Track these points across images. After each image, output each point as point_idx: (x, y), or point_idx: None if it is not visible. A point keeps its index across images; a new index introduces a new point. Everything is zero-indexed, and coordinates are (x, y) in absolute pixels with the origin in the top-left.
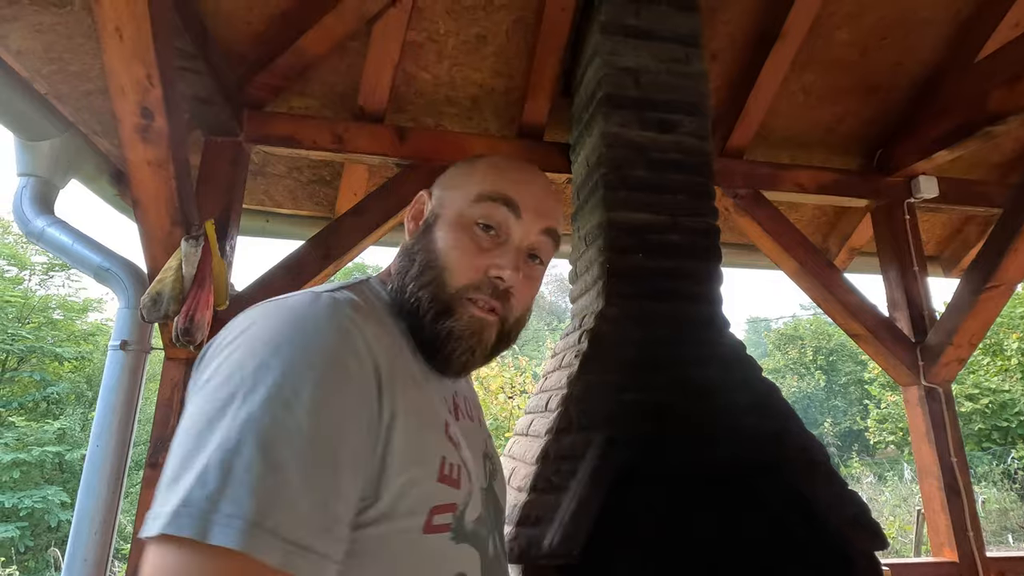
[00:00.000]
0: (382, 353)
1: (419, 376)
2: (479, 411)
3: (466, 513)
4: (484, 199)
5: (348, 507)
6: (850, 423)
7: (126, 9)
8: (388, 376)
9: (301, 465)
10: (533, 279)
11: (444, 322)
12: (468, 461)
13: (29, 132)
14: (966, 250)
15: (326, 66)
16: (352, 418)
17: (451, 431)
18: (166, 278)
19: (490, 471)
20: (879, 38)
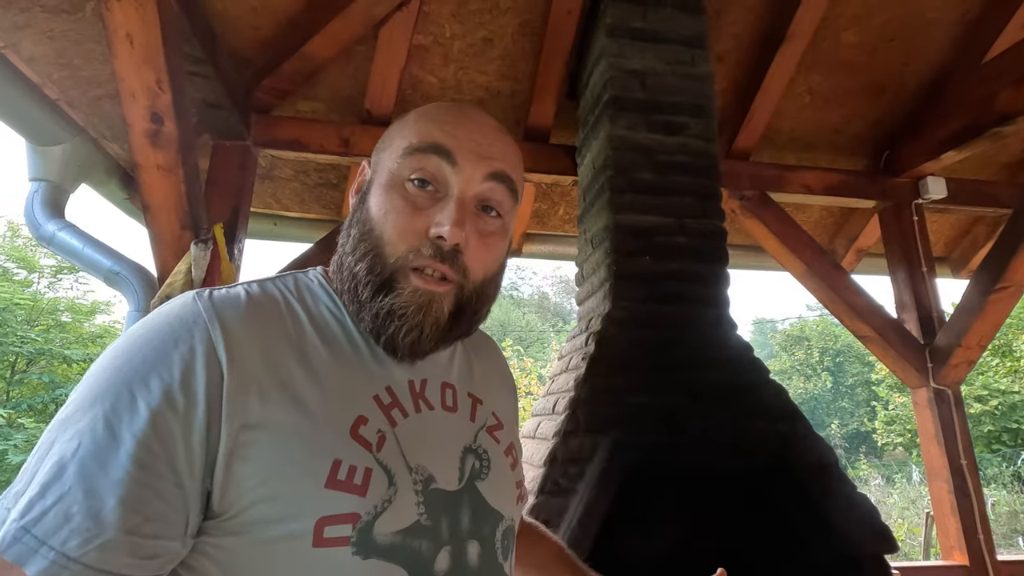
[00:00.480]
0: (246, 358)
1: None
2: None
3: (377, 524)
4: (412, 151)
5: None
6: (857, 425)
7: (136, 16)
8: (243, 383)
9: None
10: (489, 235)
11: (383, 298)
12: (394, 461)
13: (40, 137)
14: (975, 251)
15: (333, 70)
16: (134, 440)
17: (363, 429)
18: (176, 282)
19: (474, 469)
20: (886, 39)
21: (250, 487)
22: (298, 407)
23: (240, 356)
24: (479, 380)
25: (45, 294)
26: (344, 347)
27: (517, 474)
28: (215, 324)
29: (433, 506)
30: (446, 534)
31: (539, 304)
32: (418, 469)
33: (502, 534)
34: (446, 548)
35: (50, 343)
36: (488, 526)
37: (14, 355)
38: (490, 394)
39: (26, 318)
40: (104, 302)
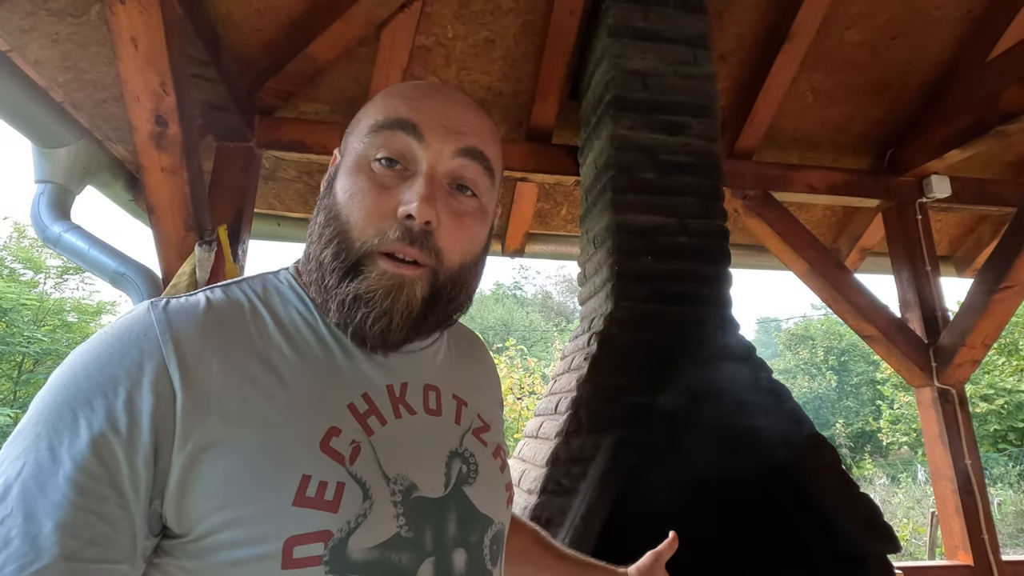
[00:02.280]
0: (202, 374)
1: (296, 378)
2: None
3: (351, 540)
4: (378, 129)
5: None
6: (862, 424)
7: (140, 19)
8: (200, 401)
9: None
10: (464, 215)
11: (349, 283)
12: (369, 473)
13: (46, 139)
14: (980, 250)
15: (336, 71)
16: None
17: (335, 440)
18: (180, 283)
19: (461, 473)
20: (889, 38)
21: (210, 509)
22: (262, 423)
23: (195, 372)
24: (464, 381)
25: (51, 295)
26: (316, 353)
27: (506, 476)
28: (167, 338)
29: (415, 516)
30: (430, 544)
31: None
32: (397, 479)
33: (491, 539)
34: (429, 559)
35: (56, 343)
36: (476, 532)
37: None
38: (475, 395)
39: (33, 318)
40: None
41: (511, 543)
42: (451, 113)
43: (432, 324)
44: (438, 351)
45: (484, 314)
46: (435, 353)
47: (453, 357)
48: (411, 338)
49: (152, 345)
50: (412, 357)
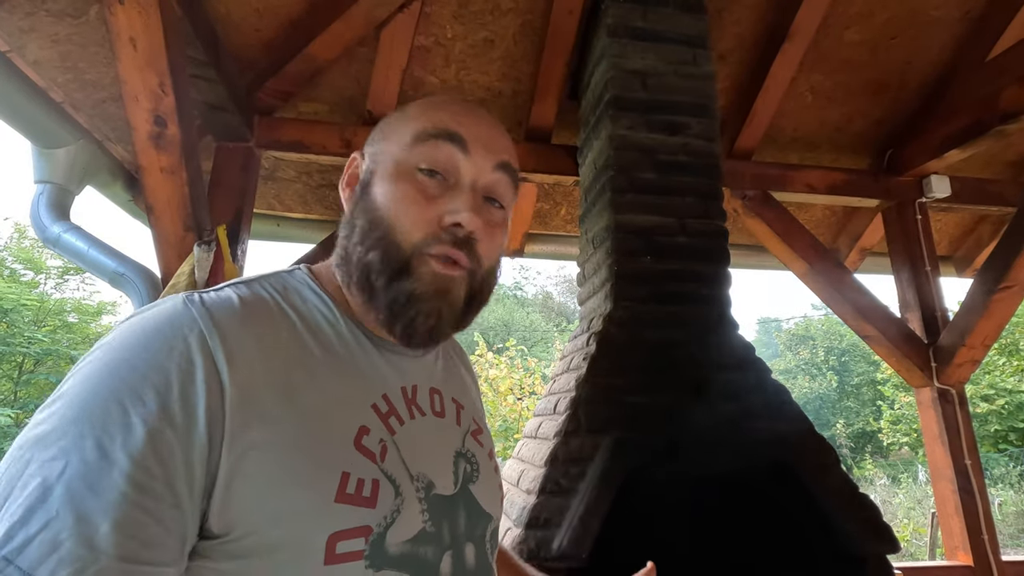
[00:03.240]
0: (246, 367)
1: (326, 376)
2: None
3: (388, 535)
4: (424, 138)
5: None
6: (863, 424)
7: (139, 19)
8: (246, 395)
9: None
10: (495, 225)
11: (402, 283)
12: (398, 471)
13: (45, 140)
14: (979, 249)
15: (335, 71)
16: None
17: (366, 440)
18: (179, 283)
19: (467, 472)
20: (889, 37)
21: (254, 507)
22: (303, 419)
23: (241, 365)
24: (458, 385)
25: (52, 295)
26: (339, 352)
27: (499, 476)
28: (212, 332)
29: (435, 512)
30: (447, 538)
31: (543, 304)
32: (419, 477)
33: (491, 534)
34: (448, 552)
35: (57, 344)
36: (480, 527)
37: (21, 356)
38: (467, 398)
39: (33, 319)
40: (110, 303)
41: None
42: (489, 131)
43: (465, 321)
44: (437, 356)
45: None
46: (435, 358)
47: (447, 362)
48: (449, 334)
49: (199, 338)
50: (418, 361)
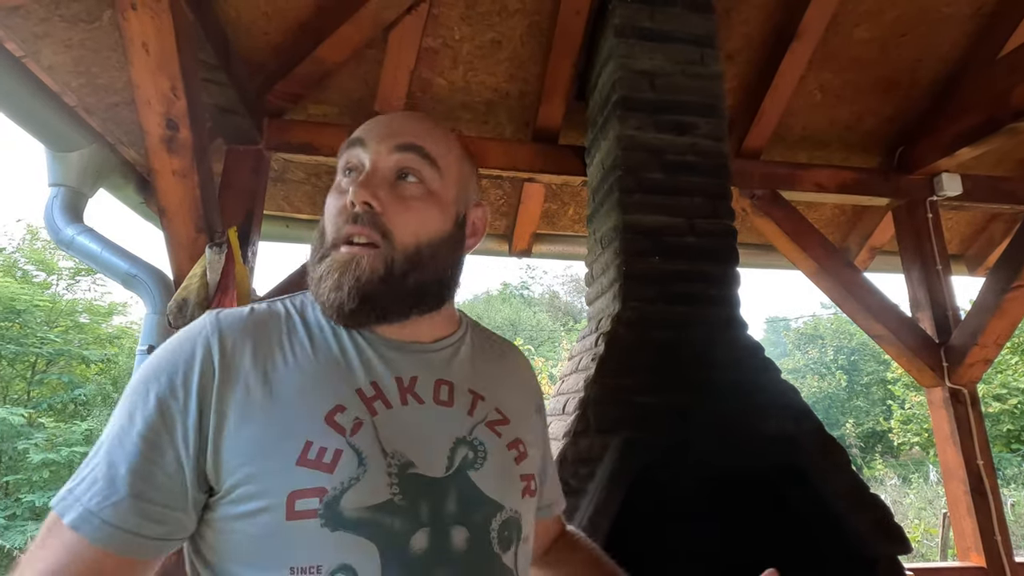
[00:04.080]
0: (243, 361)
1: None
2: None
3: (344, 498)
4: (342, 152)
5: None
6: (873, 424)
7: (152, 24)
8: (232, 382)
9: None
10: (410, 198)
11: (318, 268)
12: (367, 445)
13: (59, 143)
14: (991, 248)
15: (343, 73)
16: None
17: (338, 416)
18: (191, 284)
19: (466, 459)
20: (898, 35)
21: (235, 466)
22: (277, 398)
23: (231, 358)
24: (485, 379)
25: (64, 296)
26: (333, 348)
27: (524, 468)
28: (215, 334)
29: (409, 489)
30: (425, 516)
31: (550, 303)
32: (395, 454)
33: (501, 524)
34: (424, 529)
35: (69, 344)
36: (480, 514)
37: (34, 356)
38: (498, 392)
39: (45, 319)
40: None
41: (565, 563)
42: (391, 123)
43: (396, 300)
44: (456, 352)
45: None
46: (452, 354)
47: (475, 357)
48: (370, 313)
49: (204, 340)
50: (423, 356)
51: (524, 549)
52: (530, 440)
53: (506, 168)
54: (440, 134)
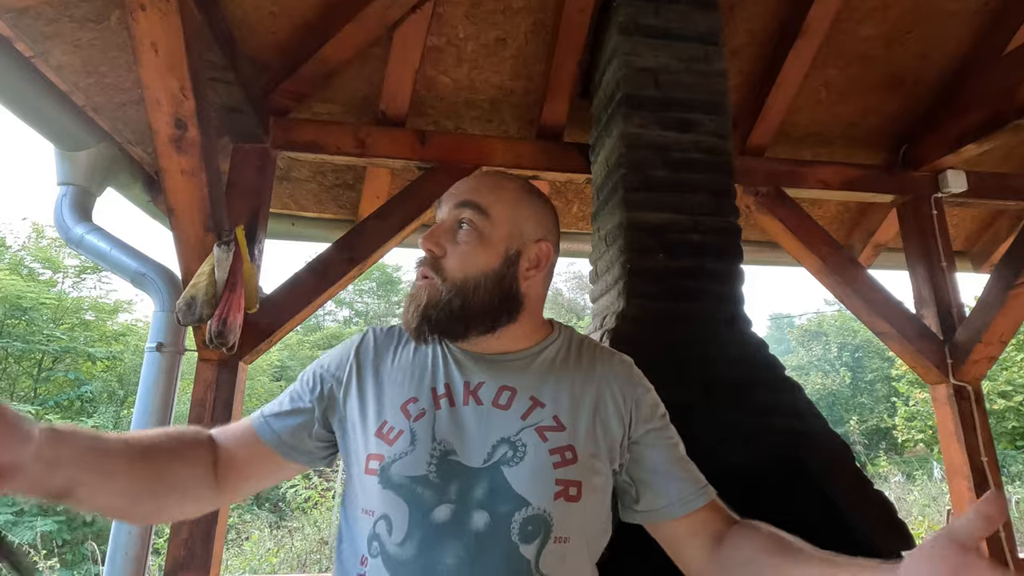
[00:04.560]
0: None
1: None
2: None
3: (393, 467)
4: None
5: (283, 408)
6: (877, 421)
7: (160, 24)
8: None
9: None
10: (463, 243)
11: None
12: (423, 431)
13: (68, 143)
14: (997, 245)
15: (348, 72)
16: (313, 380)
17: (410, 406)
18: (199, 283)
19: (504, 456)
20: (904, 31)
21: (348, 423)
22: (380, 386)
23: (362, 360)
24: (556, 388)
25: (69, 294)
26: (427, 358)
27: (567, 474)
28: (359, 342)
29: (445, 470)
30: (452, 495)
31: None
32: (442, 442)
33: (525, 519)
34: (450, 505)
35: (75, 341)
36: (506, 506)
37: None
38: (566, 402)
39: (52, 317)
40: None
41: (737, 552)
42: (463, 184)
43: (453, 321)
44: (531, 363)
45: None
46: (525, 364)
47: (555, 367)
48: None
49: (355, 346)
50: (495, 365)
51: (557, 549)
52: (593, 450)
53: (510, 166)
54: (492, 185)
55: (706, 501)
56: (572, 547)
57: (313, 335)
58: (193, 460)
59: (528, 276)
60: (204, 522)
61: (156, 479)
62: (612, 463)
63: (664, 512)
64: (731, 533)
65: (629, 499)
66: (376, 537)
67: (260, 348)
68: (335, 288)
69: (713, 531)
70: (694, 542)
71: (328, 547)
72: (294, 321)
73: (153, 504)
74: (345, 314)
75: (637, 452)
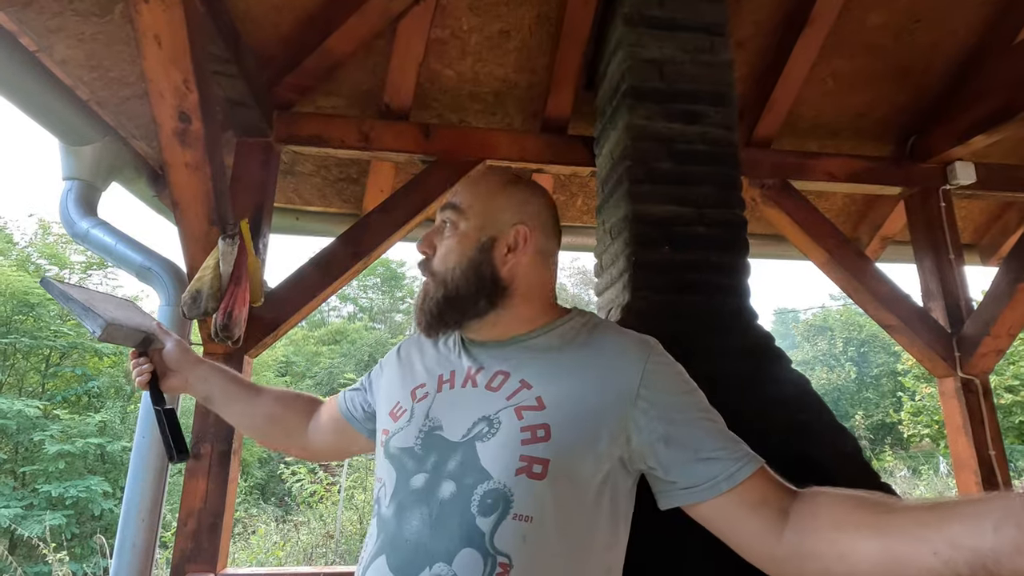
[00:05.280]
0: (403, 354)
1: (426, 360)
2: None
3: (392, 439)
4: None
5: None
6: (882, 416)
7: (164, 17)
8: (394, 365)
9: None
10: (444, 240)
11: None
12: (420, 410)
13: (72, 137)
14: (1005, 237)
15: (352, 66)
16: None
17: (418, 390)
18: (205, 276)
19: (479, 432)
20: (913, 20)
21: (378, 405)
22: (402, 377)
23: (398, 355)
24: (547, 369)
25: None
26: (445, 350)
27: (533, 451)
28: (401, 344)
29: (428, 444)
30: (430, 465)
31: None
32: (433, 419)
33: (485, 492)
34: (425, 474)
35: (82, 337)
36: (471, 478)
37: (48, 349)
38: (553, 382)
39: (59, 313)
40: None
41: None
42: (454, 188)
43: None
44: (529, 346)
45: None
46: (523, 348)
47: (550, 349)
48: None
49: (398, 346)
50: (494, 351)
51: (515, 526)
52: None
53: (515, 159)
54: (472, 184)
55: (755, 468)
56: (536, 527)
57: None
58: (297, 410)
59: (507, 260)
60: (211, 516)
61: (260, 408)
62: (605, 443)
63: (710, 488)
64: (798, 504)
65: (665, 482)
66: (378, 500)
67: (265, 342)
68: (339, 282)
69: (775, 502)
70: (754, 517)
71: (333, 541)
72: (299, 315)
73: (259, 431)
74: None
75: (653, 427)
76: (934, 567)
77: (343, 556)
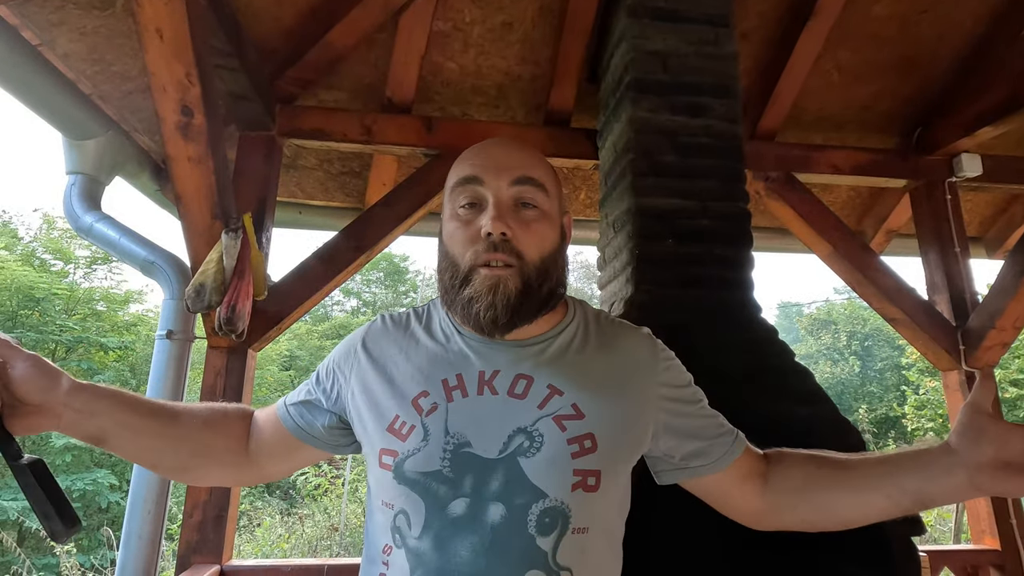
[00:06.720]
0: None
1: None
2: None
3: (407, 463)
4: (456, 188)
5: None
6: (886, 409)
7: (165, 10)
8: (367, 363)
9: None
10: (531, 221)
11: (464, 291)
12: (435, 425)
13: (75, 131)
14: (1011, 230)
15: (354, 59)
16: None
17: (421, 400)
18: (208, 270)
19: (520, 446)
20: (919, 11)
21: (357, 418)
22: (388, 381)
23: (369, 352)
24: (574, 372)
25: (81, 284)
26: (437, 346)
27: (585, 463)
28: (366, 334)
29: (460, 465)
30: (467, 488)
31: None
32: (456, 435)
33: (542, 511)
34: (465, 499)
35: (87, 331)
36: (522, 498)
37: (54, 343)
38: (586, 386)
39: (64, 308)
40: (137, 291)
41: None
42: (500, 157)
43: (532, 307)
44: (548, 347)
45: None
46: (542, 349)
47: (572, 349)
48: (516, 322)
49: (359, 340)
50: (512, 352)
51: (576, 540)
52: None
53: None
54: (541, 160)
55: (744, 446)
56: (591, 537)
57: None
58: (226, 431)
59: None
60: (216, 508)
61: (182, 442)
62: (642, 446)
63: (713, 466)
64: (773, 467)
65: (669, 464)
66: (397, 530)
67: (269, 335)
68: (342, 276)
69: (758, 471)
70: (745, 487)
71: (338, 533)
72: (302, 309)
73: (176, 462)
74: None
75: (671, 422)
76: (886, 507)
77: (347, 548)
